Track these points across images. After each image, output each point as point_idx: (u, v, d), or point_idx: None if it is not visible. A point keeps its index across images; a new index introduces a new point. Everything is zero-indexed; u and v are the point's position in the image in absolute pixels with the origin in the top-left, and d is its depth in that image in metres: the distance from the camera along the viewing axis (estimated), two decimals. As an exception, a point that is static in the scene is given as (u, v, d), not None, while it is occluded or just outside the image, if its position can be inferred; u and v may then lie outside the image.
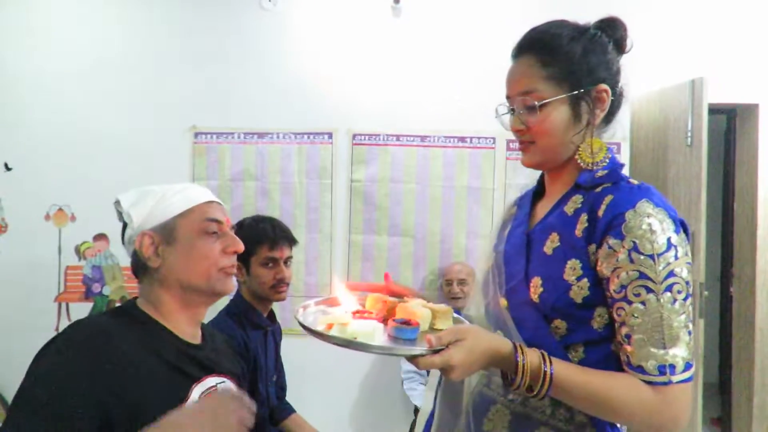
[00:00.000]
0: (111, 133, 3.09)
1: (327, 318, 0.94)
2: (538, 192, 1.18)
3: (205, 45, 3.10)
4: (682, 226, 0.95)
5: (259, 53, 3.11)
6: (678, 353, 0.89)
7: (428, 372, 2.82)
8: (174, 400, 1.05)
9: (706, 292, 2.80)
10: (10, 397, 3.00)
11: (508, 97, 1.07)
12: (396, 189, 3.10)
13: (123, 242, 1.21)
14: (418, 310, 0.98)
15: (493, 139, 3.08)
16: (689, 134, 2.87)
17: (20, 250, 3.10)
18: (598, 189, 1.00)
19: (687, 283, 0.91)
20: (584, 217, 0.98)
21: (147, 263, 1.15)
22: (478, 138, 3.08)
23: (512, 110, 1.06)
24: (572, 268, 0.97)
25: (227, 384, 1.21)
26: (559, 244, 1.00)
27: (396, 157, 3.10)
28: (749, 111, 3.40)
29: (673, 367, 0.89)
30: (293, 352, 2.58)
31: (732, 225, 3.64)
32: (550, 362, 0.92)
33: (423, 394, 2.79)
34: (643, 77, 3.14)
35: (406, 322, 0.94)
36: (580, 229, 0.98)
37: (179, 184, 1.23)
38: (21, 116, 3.11)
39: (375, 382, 3.09)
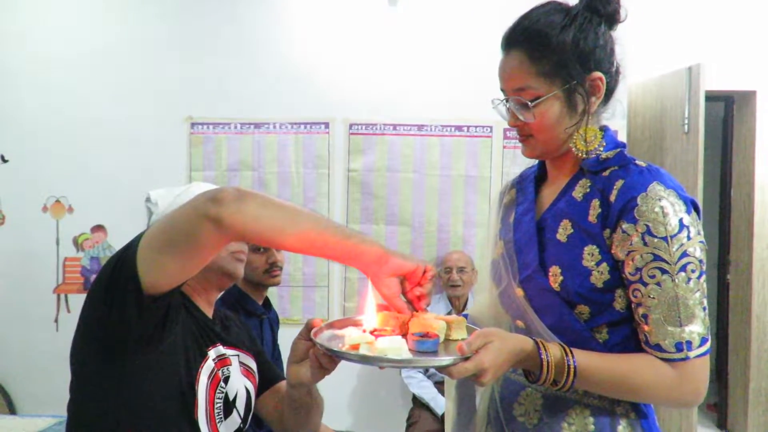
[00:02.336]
0: (108, 125, 3.08)
1: (351, 339, 0.95)
2: (539, 176, 1.16)
3: (202, 35, 3.09)
4: (692, 205, 0.96)
5: (256, 43, 3.09)
6: (694, 329, 0.92)
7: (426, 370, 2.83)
8: (197, 357, 1.13)
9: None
10: (9, 387, 3.03)
11: (502, 90, 1.06)
12: (393, 178, 3.10)
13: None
14: (434, 322, 0.98)
15: (490, 127, 3.07)
16: (686, 121, 2.87)
17: (18, 242, 3.10)
18: (606, 173, 1.00)
19: (700, 261, 0.94)
20: (596, 202, 0.99)
21: None
22: (475, 127, 3.08)
23: (507, 103, 1.05)
24: (590, 254, 0.98)
25: (242, 357, 1.28)
26: (573, 230, 1.01)
27: (393, 147, 3.09)
28: (746, 98, 3.39)
29: (689, 343, 0.92)
30: (291, 341, 2.58)
31: (729, 212, 3.65)
32: (572, 354, 0.93)
33: (421, 383, 2.80)
34: (641, 64, 3.13)
35: (425, 335, 0.95)
36: (593, 215, 0.99)
37: (205, 183, 1.31)
38: (17, 107, 3.09)
39: (373, 371, 3.10)
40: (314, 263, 3.12)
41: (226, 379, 1.19)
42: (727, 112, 3.66)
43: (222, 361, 1.20)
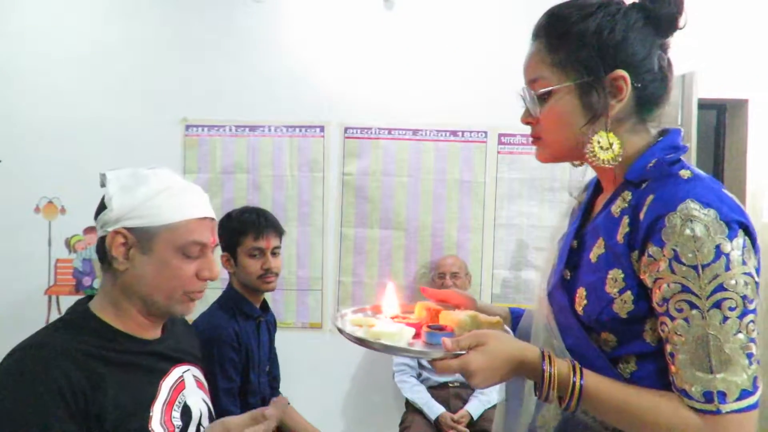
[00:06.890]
0: (101, 125, 3.06)
1: (359, 320, 0.98)
2: (598, 182, 1.04)
3: (197, 37, 3.08)
4: (741, 227, 0.80)
5: (251, 46, 3.09)
6: (731, 378, 0.77)
7: (418, 364, 2.83)
8: (145, 400, 1.06)
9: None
10: None
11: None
12: (388, 182, 3.10)
13: (95, 218, 1.14)
14: (456, 316, 0.96)
15: (485, 132, 3.08)
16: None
17: (9, 243, 3.07)
18: (644, 185, 0.88)
19: (744, 297, 0.78)
20: (626, 219, 0.87)
21: (112, 262, 1.09)
22: (470, 132, 3.08)
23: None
24: (614, 279, 0.87)
25: (194, 371, 1.21)
26: (603, 250, 0.91)
27: (388, 151, 3.10)
28: (739, 106, 3.42)
29: (722, 394, 0.77)
30: (287, 344, 2.59)
31: (721, 219, 3.66)
32: (581, 375, 0.85)
33: (414, 387, 2.80)
34: (635, 72, 3.14)
35: (440, 328, 0.93)
36: (621, 234, 0.87)
37: (176, 184, 1.17)
38: (10, 108, 3.07)
39: (367, 374, 3.10)
40: (308, 267, 3.11)
41: (186, 410, 1.12)
42: (719, 120, 3.68)
43: (176, 389, 1.12)
